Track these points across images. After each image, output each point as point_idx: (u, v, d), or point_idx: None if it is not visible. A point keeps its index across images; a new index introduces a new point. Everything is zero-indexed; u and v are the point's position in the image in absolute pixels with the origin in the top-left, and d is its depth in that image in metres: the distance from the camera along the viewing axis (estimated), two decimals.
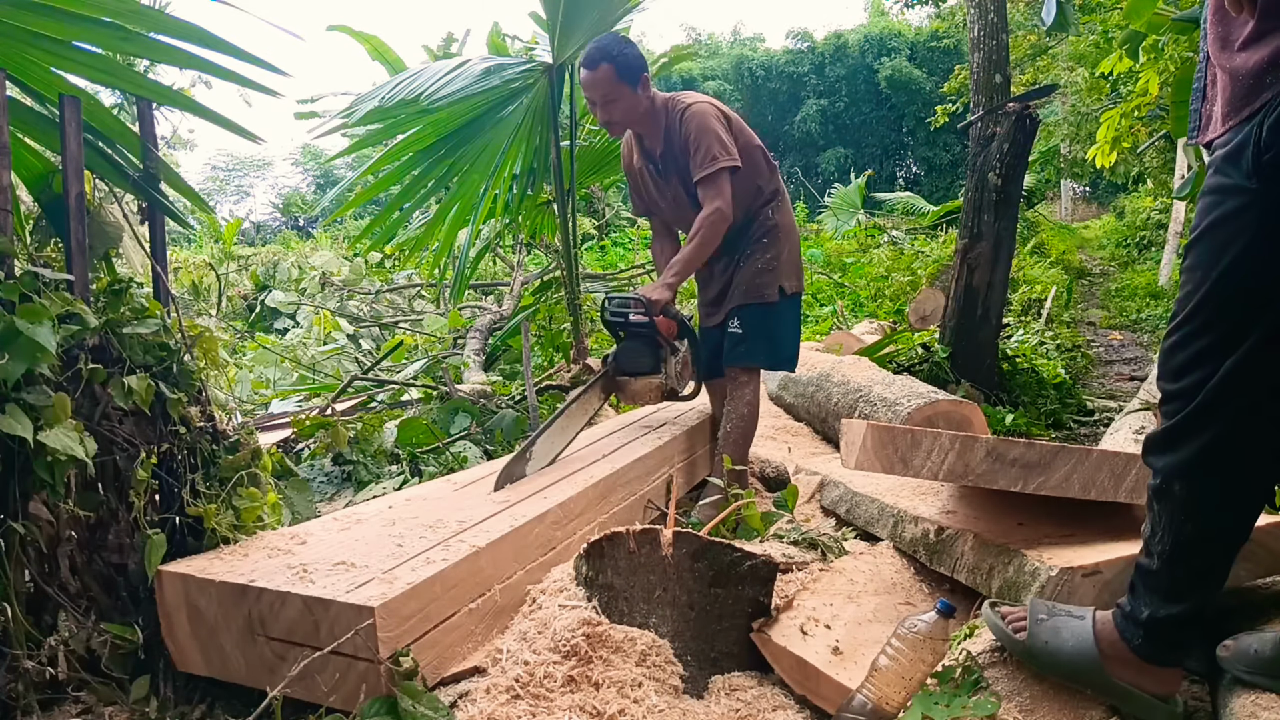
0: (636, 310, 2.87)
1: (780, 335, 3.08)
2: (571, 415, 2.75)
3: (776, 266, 3.01)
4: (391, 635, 1.64)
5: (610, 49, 2.89)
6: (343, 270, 9.36)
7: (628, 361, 2.93)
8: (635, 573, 1.90)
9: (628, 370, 2.92)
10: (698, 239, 2.85)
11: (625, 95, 2.90)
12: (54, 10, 1.97)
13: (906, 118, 27.00)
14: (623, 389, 2.96)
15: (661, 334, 2.89)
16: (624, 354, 2.94)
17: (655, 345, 2.91)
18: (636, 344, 2.91)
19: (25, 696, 1.71)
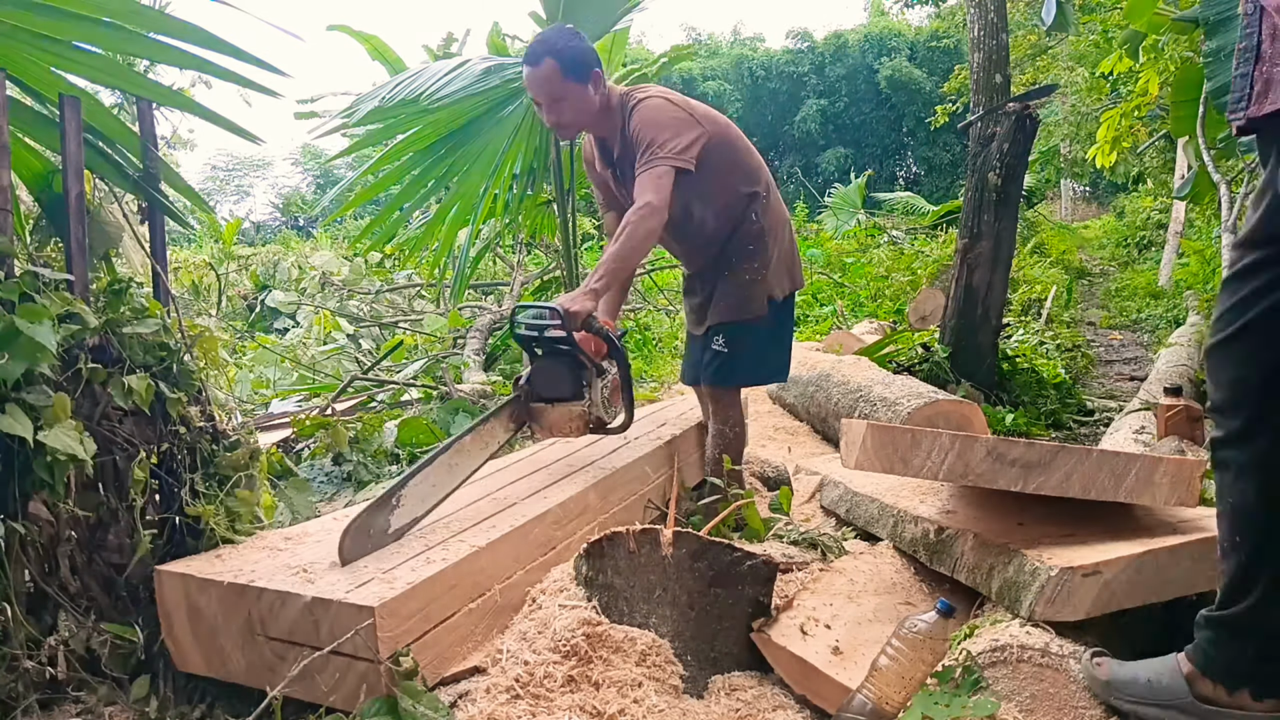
0: (554, 324, 2.39)
1: (768, 351, 2.86)
2: (462, 450, 2.20)
3: (764, 276, 2.76)
4: (391, 635, 1.64)
5: (554, 42, 2.60)
6: (343, 270, 9.36)
7: (544, 385, 2.45)
8: (635, 573, 1.90)
9: (544, 395, 2.45)
10: (623, 237, 2.45)
11: (573, 93, 2.60)
12: (54, 10, 1.97)
13: (906, 118, 27.00)
14: (538, 418, 2.46)
15: (584, 353, 2.45)
16: (539, 375, 2.45)
17: (577, 366, 2.45)
18: (554, 364, 2.45)
19: (25, 696, 1.71)
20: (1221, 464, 1.50)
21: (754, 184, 2.80)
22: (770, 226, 2.80)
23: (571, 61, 2.58)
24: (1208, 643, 1.51)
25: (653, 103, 2.64)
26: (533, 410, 2.46)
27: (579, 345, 2.42)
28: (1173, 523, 1.98)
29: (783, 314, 2.89)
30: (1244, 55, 1.40)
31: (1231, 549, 1.48)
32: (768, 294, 2.78)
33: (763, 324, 2.79)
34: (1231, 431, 1.48)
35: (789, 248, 2.89)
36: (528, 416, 2.47)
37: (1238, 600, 1.47)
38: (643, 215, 2.46)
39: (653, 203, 2.47)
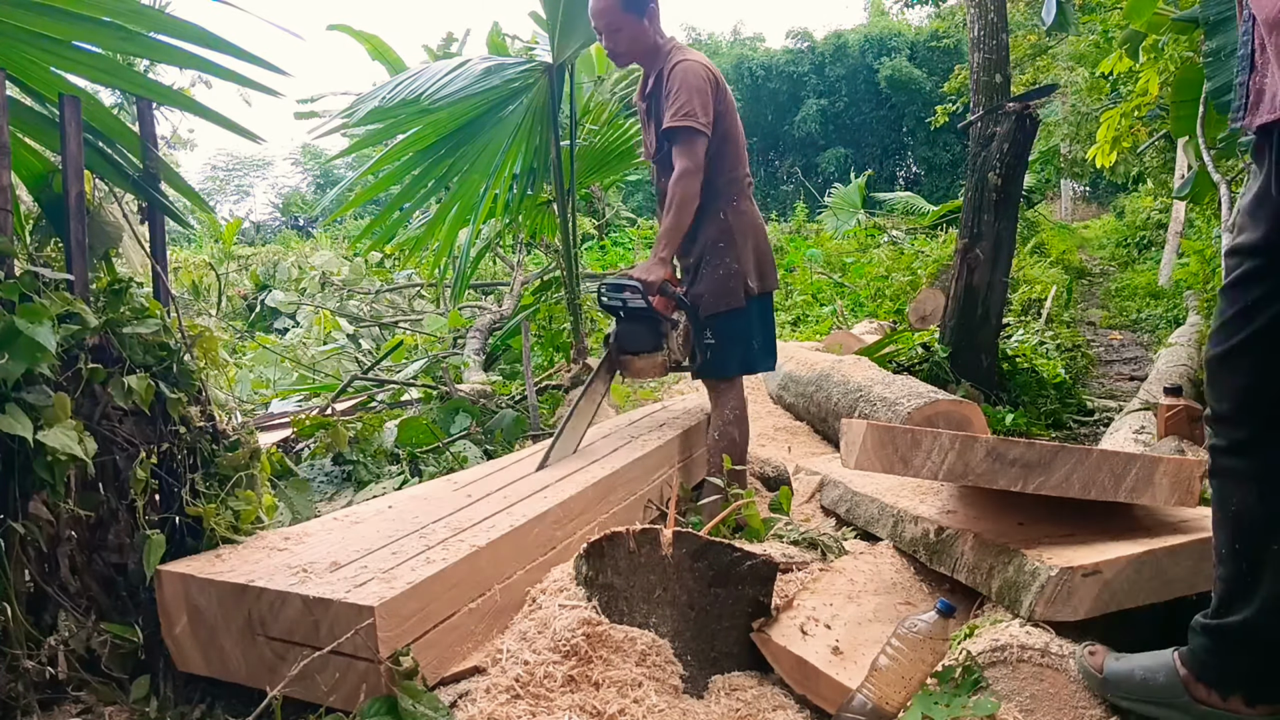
0: (632, 293, 2.85)
1: (747, 338, 3.01)
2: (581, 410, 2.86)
3: (738, 270, 2.92)
4: (391, 635, 1.64)
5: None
6: (343, 270, 9.36)
7: (630, 341, 2.94)
8: (635, 572, 1.90)
9: (631, 350, 2.94)
10: (674, 206, 2.81)
11: (630, 24, 2.88)
12: (54, 10, 1.97)
13: (906, 118, 27.01)
14: (627, 367, 2.97)
15: (659, 312, 2.87)
16: (625, 335, 2.95)
17: (655, 323, 2.90)
18: (636, 325, 2.91)
19: (25, 696, 1.71)
20: (1223, 472, 1.49)
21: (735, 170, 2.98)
22: (738, 226, 2.95)
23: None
24: (1203, 650, 1.51)
25: (695, 66, 2.86)
26: (622, 361, 2.98)
27: (654, 308, 2.83)
28: (1173, 523, 1.98)
29: (762, 306, 3.05)
30: (1241, 64, 1.40)
31: (1230, 556, 1.47)
32: (745, 286, 2.94)
33: (742, 314, 2.95)
34: (1236, 440, 1.46)
35: (764, 248, 3.04)
36: (619, 367, 3.00)
37: (1235, 609, 1.46)
38: (683, 184, 2.80)
39: (689, 169, 2.80)
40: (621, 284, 2.88)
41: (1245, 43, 1.38)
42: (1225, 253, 1.47)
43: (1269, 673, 1.47)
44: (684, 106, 2.80)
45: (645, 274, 2.80)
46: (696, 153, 2.81)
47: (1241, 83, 1.40)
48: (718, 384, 3.01)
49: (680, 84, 2.82)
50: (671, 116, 2.81)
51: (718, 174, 2.92)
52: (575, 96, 4.52)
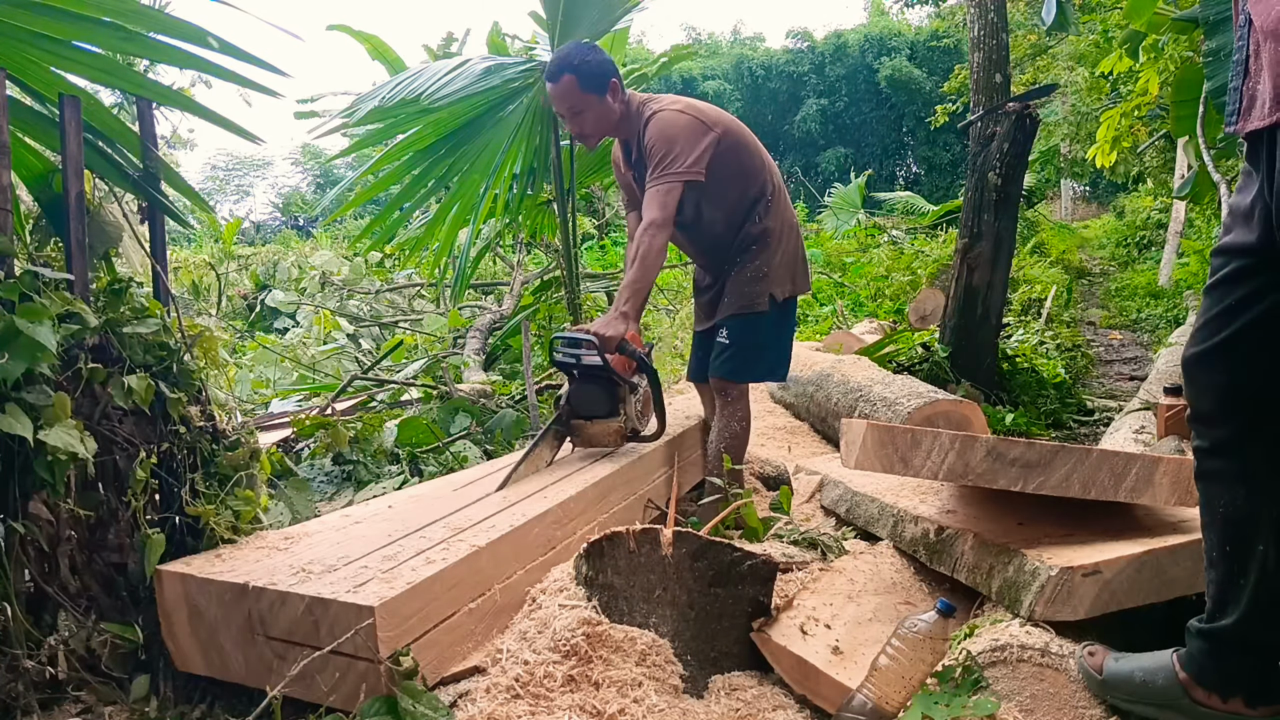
0: (589, 350, 2.59)
1: (768, 347, 2.95)
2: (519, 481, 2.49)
3: (766, 274, 2.87)
4: (391, 635, 1.64)
5: (571, 59, 2.76)
6: (343, 270, 9.35)
7: (582, 405, 2.69)
8: (635, 572, 1.90)
9: (584, 415, 2.70)
10: (638, 259, 2.66)
11: (593, 105, 2.79)
12: (54, 10, 1.97)
13: (906, 117, 27.00)
14: (578, 433, 2.73)
15: (617, 374, 2.64)
16: (578, 396, 2.68)
17: (612, 385, 2.66)
18: (591, 386, 2.66)
19: (25, 696, 1.71)
20: (1209, 474, 1.48)
21: (759, 186, 2.92)
22: (773, 228, 2.90)
23: (588, 75, 2.75)
24: (1200, 653, 1.51)
25: (667, 116, 2.78)
26: (573, 426, 2.73)
27: (612, 367, 2.61)
28: (1173, 522, 1.98)
29: (784, 314, 2.97)
30: (1236, 68, 1.39)
31: (1220, 558, 1.47)
32: (768, 291, 2.87)
33: (764, 320, 2.88)
34: (1219, 441, 1.46)
35: (794, 252, 2.97)
36: (569, 432, 2.74)
37: (1228, 611, 1.46)
38: (651, 235, 2.66)
39: (657, 220, 2.66)
40: (577, 338, 2.63)
41: (1240, 48, 1.38)
42: (1213, 252, 1.47)
43: (1268, 673, 1.47)
44: (663, 161, 2.70)
45: (604, 328, 2.57)
46: (668, 204, 2.68)
47: (1235, 87, 1.39)
48: (727, 387, 2.93)
49: (657, 138, 2.73)
50: (651, 177, 2.72)
51: (747, 186, 2.88)
52: None
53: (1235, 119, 1.40)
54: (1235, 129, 1.39)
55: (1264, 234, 1.36)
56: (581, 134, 2.87)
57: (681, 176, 2.69)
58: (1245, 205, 1.40)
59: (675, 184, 2.69)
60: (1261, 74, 1.32)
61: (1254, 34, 1.34)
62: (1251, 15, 1.33)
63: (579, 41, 2.96)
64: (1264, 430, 1.42)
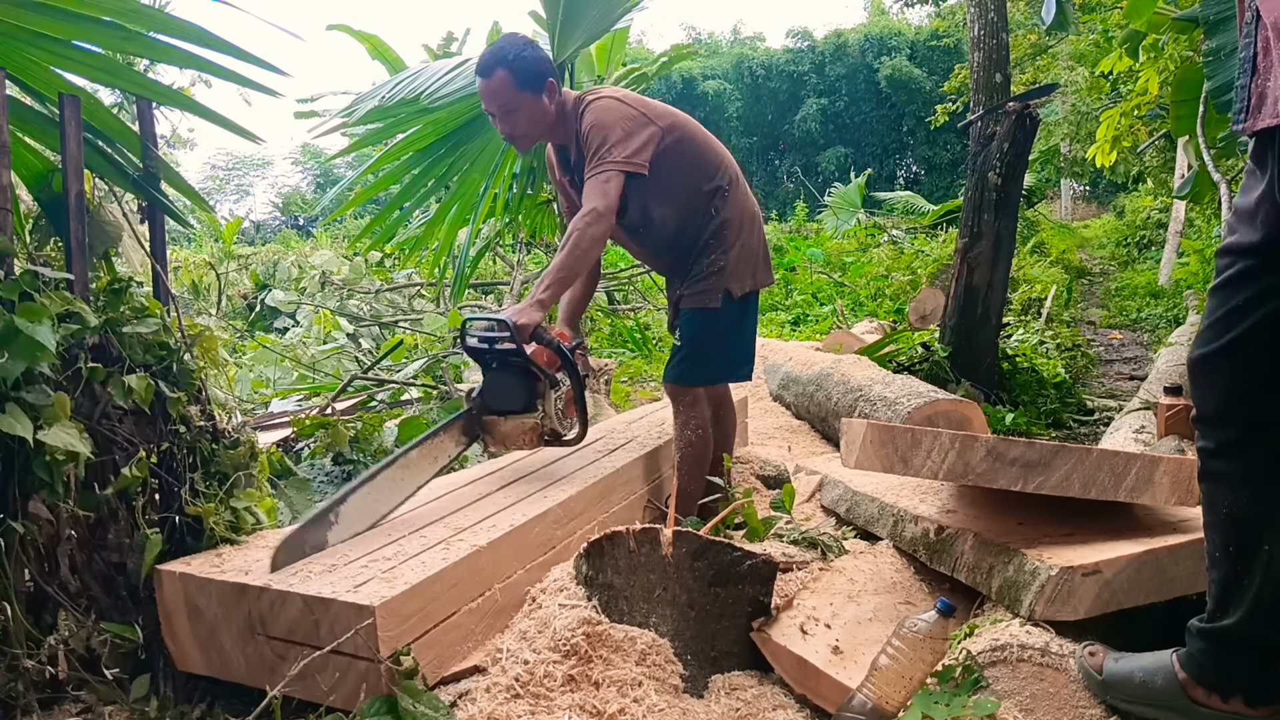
0: (503, 336, 2.37)
1: (725, 346, 2.77)
2: (409, 465, 2.20)
3: (722, 269, 2.68)
4: (392, 635, 1.64)
5: (506, 53, 2.54)
6: (343, 269, 9.35)
7: (495, 398, 2.42)
8: (635, 572, 1.90)
9: (496, 409, 2.42)
10: (569, 245, 2.42)
11: (526, 104, 2.56)
12: (54, 10, 1.97)
13: (906, 117, 27.00)
14: (490, 430, 2.44)
15: (536, 365, 2.41)
16: (491, 389, 2.42)
17: (529, 378, 2.42)
18: (506, 376, 2.41)
19: (25, 696, 1.71)
20: (1212, 475, 1.48)
21: (714, 179, 2.73)
22: (731, 220, 2.73)
23: (523, 71, 2.54)
24: (1200, 653, 1.51)
25: (602, 104, 2.58)
26: (485, 423, 2.44)
27: (530, 358, 2.38)
28: (1173, 522, 1.98)
29: (742, 311, 2.79)
30: (1243, 66, 1.37)
31: (1223, 559, 1.47)
32: (724, 287, 2.70)
33: (717, 318, 2.70)
34: (1224, 442, 1.46)
35: (755, 244, 2.79)
36: (480, 429, 2.44)
37: (1229, 611, 1.46)
38: (587, 222, 2.43)
39: (598, 209, 2.44)
40: (490, 323, 2.44)
41: (1247, 45, 1.36)
42: (1218, 253, 1.46)
43: (1268, 673, 1.46)
44: (600, 150, 2.49)
45: (517, 315, 2.35)
46: (610, 193, 2.46)
47: (1243, 85, 1.38)
48: (679, 392, 2.75)
49: (593, 126, 2.53)
50: (589, 165, 2.51)
51: (700, 180, 2.70)
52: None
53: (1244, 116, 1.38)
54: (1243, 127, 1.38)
55: (1268, 234, 1.36)
56: (512, 135, 2.64)
57: (620, 166, 2.48)
58: (1250, 205, 1.39)
59: (615, 173, 2.48)
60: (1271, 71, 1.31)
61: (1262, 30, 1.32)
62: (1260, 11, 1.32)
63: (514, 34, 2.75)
64: (1269, 432, 1.41)
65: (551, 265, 2.46)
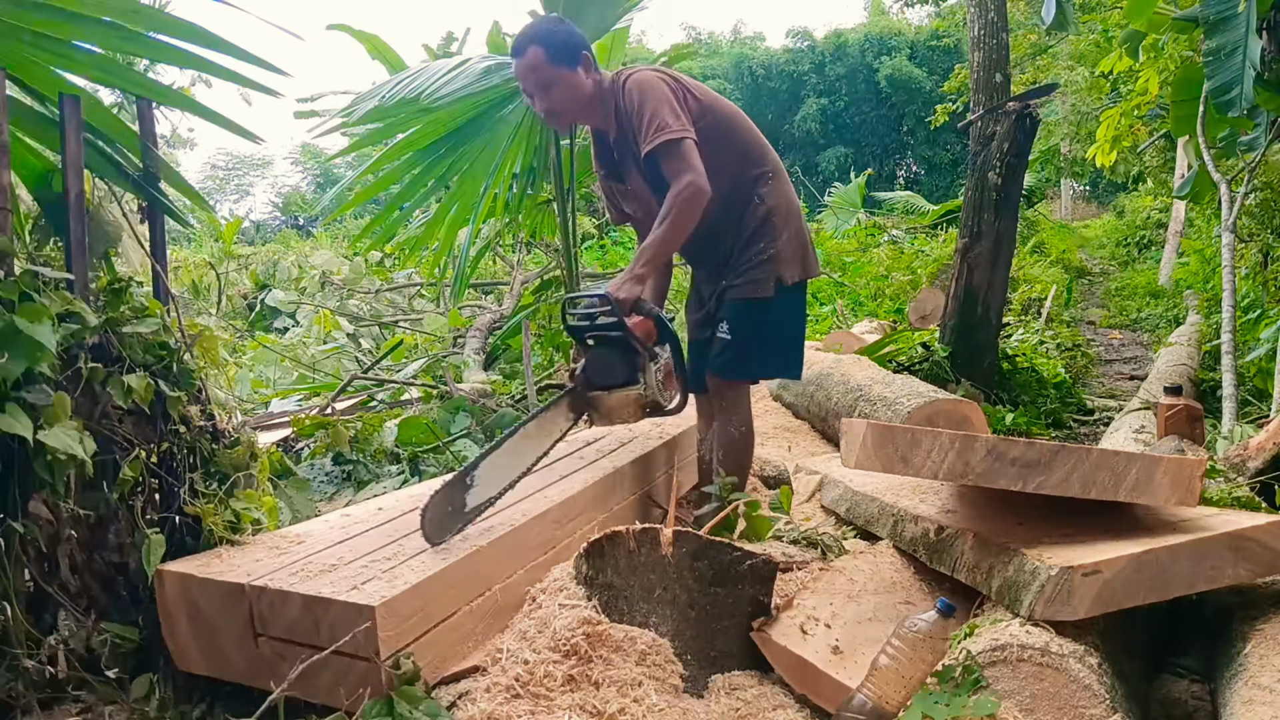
0: (604, 311, 2.40)
1: (775, 339, 2.67)
2: (528, 436, 2.24)
3: (773, 255, 2.59)
4: (392, 635, 1.64)
5: (537, 30, 2.53)
6: (343, 269, 9.35)
7: (598, 373, 2.43)
8: (635, 572, 1.90)
9: (599, 384, 2.43)
10: (670, 218, 2.37)
11: (564, 79, 2.50)
12: (54, 10, 1.97)
13: (906, 117, 26.98)
14: (596, 406, 2.44)
15: (637, 337, 2.41)
16: (594, 364, 2.44)
17: (630, 352, 2.42)
18: (608, 351, 2.43)
19: (25, 695, 1.71)
20: None
21: (758, 165, 2.65)
22: (778, 207, 2.64)
23: (558, 46, 2.50)
24: None
25: (645, 76, 2.52)
26: (590, 399, 2.44)
27: (630, 331, 2.39)
28: (1173, 522, 1.98)
29: (794, 300, 2.71)
30: None
31: None
32: (776, 275, 2.60)
33: (771, 307, 2.61)
34: None
35: (800, 236, 2.70)
36: (586, 405, 2.45)
37: None
38: (687, 196, 2.38)
39: (694, 181, 2.38)
40: (591, 299, 2.43)
41: None
42: None
43: None
44: (654, 119, 2.41)
45: (618, 289, 2.36)
46: (693, 160, 2.40)
47: None
48: (727, 387, 2.67)
49: (640, 99, 2.45)
50: (647, 137, 2.42)
51: (743, 164, 2.62)
52: None
53: None
54: None
55: None
56: (550, 111, 2.57)
57: (679, 133, 2.41)
58: None
59: (688, 139, 2.41)
60: None
61: None
62: None
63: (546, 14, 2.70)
64: None
65: (651, 238, 2.43)
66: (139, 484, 1.96)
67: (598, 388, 2.44)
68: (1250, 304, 5.80)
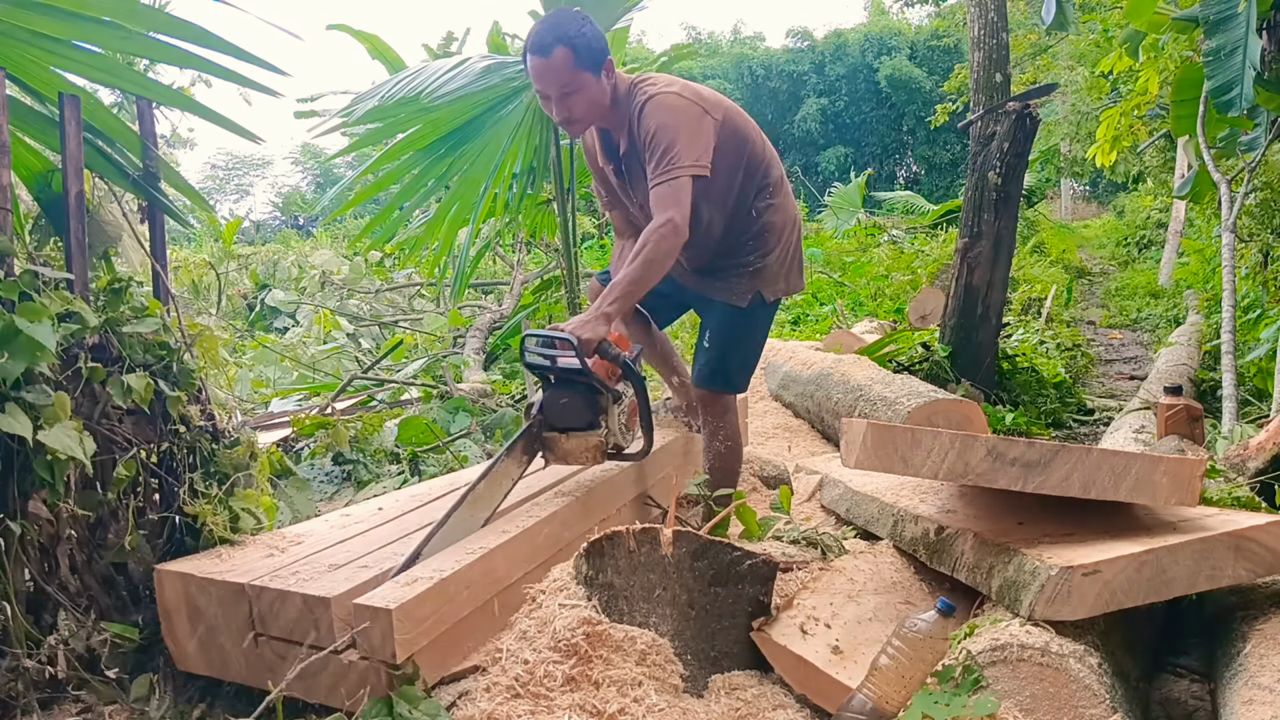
0: (564, 352, 2.25)
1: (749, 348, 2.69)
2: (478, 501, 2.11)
3: (758, 270, 2.59)
4: (407, 638, 1.63)
5: (565, 28, 2.34)
6: (343, 269, 9.36)
7: (558, 415, 2.28)
8: (635, 572, 1.90)
9: (559, 425, 2.29)
10: (643, 256, 2.27)
11: (587, 85, 2.37)
12: (54, 10, 1.97)
13: (906, 117, 26.99)
14: (552, 447, 2.29)
15: (599, 379, 2.27)
16: (553, 405, 2.28)
17: (593, 393, 2.29)
18: (568, 393, 2.28)
19: (25, 695, 1.71)
20: None
21: (763, 176, 2.62)
22: (773, 224, 2.63)
23: (585, 49, 2.35)
24: None
25: (665, 100, 2.41)
26: (546, 440, 2.30)
27: (593, 373, 2.25)
28: (1173, 522, 1.98)
29: (767, 317, 2.73)
30: None
31: None
32: (755, 289, 2.61)
33: (742, 318, 2.61)
34: None
35: (792, 251, 2.69)
36: (541, 447, 2.31)
37: None
38: (663, 235, 2.28)
39: (675, 221, 2.29)
40: (551, 337, 2.28)
41: None
42: None
43: None
44: (668, 155, 2.33)
45: (581, 329, 2.21)
46: (682, 199, 2.31)
47: None
48: (707, 399, 2.67)
49: (658, 130, 2.35)
50: (655, 172, 2.35)
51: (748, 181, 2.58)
52: None
53: None
54: None
55: None
56: (569, 119, 2.45)
57: (690, 170, 2.34)
58: None
59: (686, 178, 2.33)
60: None
61: None
62: None
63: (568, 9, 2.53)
64: None
65: (622, 276, 2.31)
66: (138, 484, 1.96)
67: (557, 430, 2.30)
68: (1250, 304, 5.80)
